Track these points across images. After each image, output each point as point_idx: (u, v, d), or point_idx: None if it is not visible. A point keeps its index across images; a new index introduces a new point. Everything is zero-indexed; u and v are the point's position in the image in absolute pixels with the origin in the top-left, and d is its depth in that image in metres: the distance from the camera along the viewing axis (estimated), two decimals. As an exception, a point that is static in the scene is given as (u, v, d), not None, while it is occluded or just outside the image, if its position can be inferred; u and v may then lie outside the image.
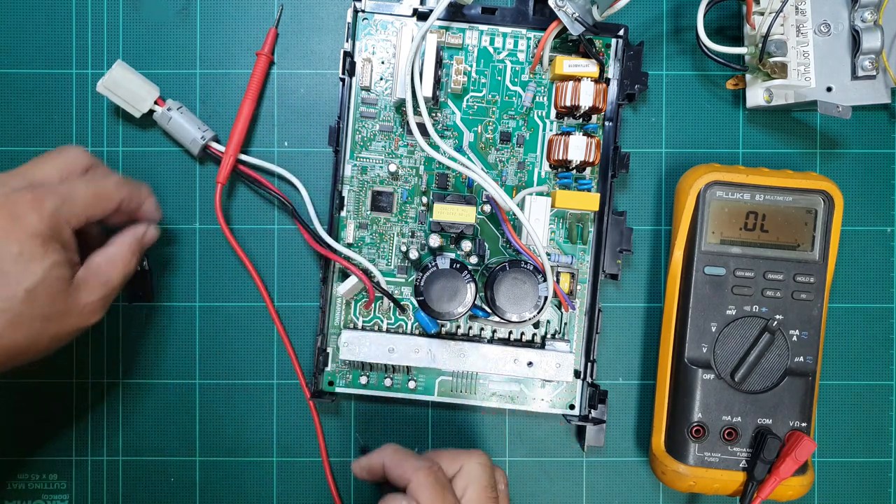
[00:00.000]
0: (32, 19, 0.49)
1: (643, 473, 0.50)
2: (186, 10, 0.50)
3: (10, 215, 0.36)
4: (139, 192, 0.43)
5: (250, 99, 0.48)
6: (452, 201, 0.45)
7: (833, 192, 0.45)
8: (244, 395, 0.50)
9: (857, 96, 0.48)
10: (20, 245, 0.35)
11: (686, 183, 0.47)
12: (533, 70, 0.49)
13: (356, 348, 0.46)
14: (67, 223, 0.38)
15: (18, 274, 0.35)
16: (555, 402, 0.49)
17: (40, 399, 0.49)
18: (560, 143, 0.46)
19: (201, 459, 0.50)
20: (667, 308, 0.48)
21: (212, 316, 0.50)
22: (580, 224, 0.49)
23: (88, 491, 0.49)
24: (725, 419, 0.45)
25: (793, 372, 0.46)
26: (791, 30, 0.46)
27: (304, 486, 0.50)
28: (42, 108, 0.49)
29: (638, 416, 0.50)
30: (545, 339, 0.48)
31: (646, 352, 0.50)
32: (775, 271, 0.46)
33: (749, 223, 0.46)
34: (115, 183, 0.41)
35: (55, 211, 0.37)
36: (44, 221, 0.36)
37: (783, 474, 0.44)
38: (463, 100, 0.49)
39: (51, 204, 0.37)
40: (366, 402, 0.50)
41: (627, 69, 0.47)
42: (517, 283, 0.45)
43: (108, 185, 0.41)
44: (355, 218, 0.49)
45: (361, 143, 0.49)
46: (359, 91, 0.49)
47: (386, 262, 0.49)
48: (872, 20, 0.46)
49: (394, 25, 0.48)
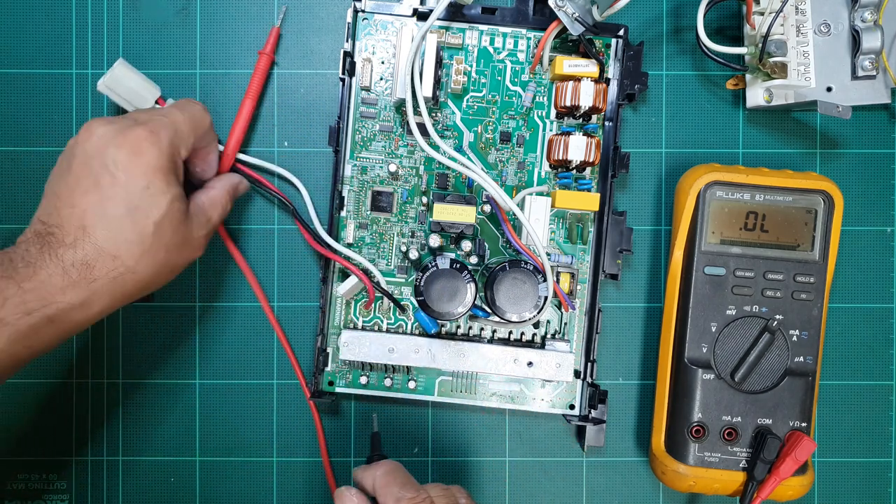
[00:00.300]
0: (32, 19, 0.49)
1: (643, 473, 0.50)
2: (186, 10, 0.50)
3: (133, 151, 0.37)
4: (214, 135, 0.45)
5: (251, 98, 0.48)
6: (452, 201, 0.45)
7: (833, 192, 0.45)
8: (244, 395, 0.50)
9: (857, 96, 0.48)
10: (147, 179, 0.37)
11: (686, 183, 0.47)
12: (533, 70, 0.49)
13: (356, 348, 0.46)
14: (179, 154, 0.40)
15: (148, 207, 0.38)
16: (555, 402, 0.49)
17: (40, 399, 0.49)
18: (560, 143, 0.46)
19: (201, 459, 0.50)
20: (667, 308, 0.48)
21: (212, 316, 0.50)
22: (580, 224, 0.49)
23: (88, 491, 0.49)
24: (725, 419, 0.45)
25: (793, 372, 0.46)
26: (791, 30, 0.46)
27: (304, 486, 0.50)
28: (42, 108, 0.49)
29: (638, 416, 0.50)
30: (545, 339, 0.48)
31: (646, 352, 0.50)
32: (775, 271, 0.46)
33: (749, 223, 0.46)
34: (201, 108, 0.43)
35: (170, 143, 0.39)
36: (163, 155, 0.38)
37: (783, 474, 0.44)
38: (463, 100, 0.49)
39: (165, 137, 0.39)
40: (366, 402, 0.50)
41: (627, 69, 0.47)
42: (517, 283, 0.45)
43: (197, 109, 0.42)
44: (355, 218, 0.49)
45: (361, 143, 0.49)
46: (359, 91, 0.49)
47: (386, 262, 0.49)
48: (872, 20, 0.46)
49: (394, 25, 0.48)
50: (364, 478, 0.41)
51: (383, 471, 0.40)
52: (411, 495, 0.38)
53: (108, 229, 0.37)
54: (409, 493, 0.38)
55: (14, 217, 0.49)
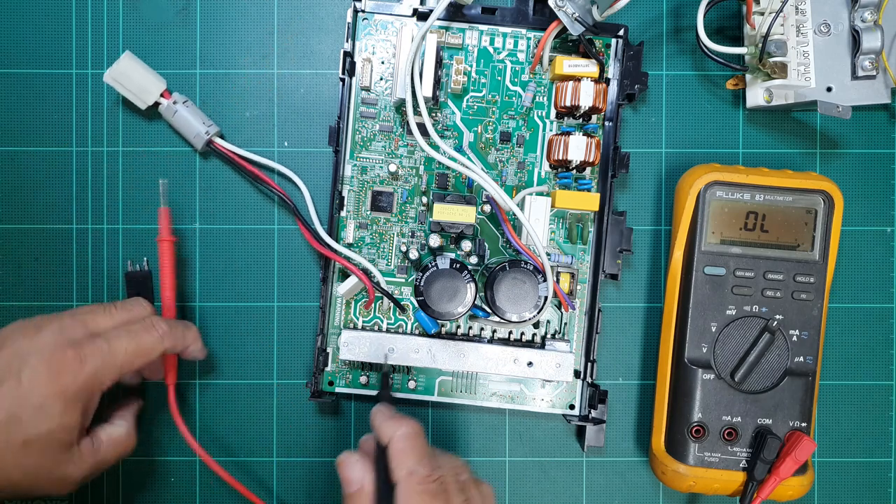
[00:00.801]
0: (32, 19, 0.49)
1: (643, 473, 0.50)
2: (186, 10, 0.50)
3: (50, 370, 0.37)
4: (184, 339, 0.44)
5: (168, 289, 0.47)
6: (452, 201, 0.45)
7: (833, 192, 0.45)
8: (244, 395, 0.50)
9: (857, 96, 0.48)
10: (44, 400, 0.37)
11: (686, 183, 0.47)
12: (533, 70, 0.49)
13: (356, 348, 0.46)
14: (101, 385, 0.39)
15: (28, 423, 0.37)
16: (555, 402, 0.49)
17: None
18: (560, 143, 0.46)
19: (201, 459, 0.49)
20: (667, 308, 0.48)
21: (212, 315, 0.50)
22: (580, 224, 0.49)
23: (88, 491, 0.49)
24: (725, 419, 0.45)
25: (793, 372, 0.46)
26: (791, 30, 0.46)
27: (304, 486, 0.50)
28: (42, 108, 0.49)
29: (638, 416, 0.50)
30: (545, 339, 0.48)
31: (646, 352, 0.50)
32: (775, 271, 0.46)
33: (749, 223, 0.46)
34: (159, 337, 0.42)
35: (93, 374, 0.38)
36: (77, 384, 0.38)
37: (783, 474, 0.44)
38: (463, 100, 0.49)
39: (91, 367, 0.38)
40: (366, 402, 0.50)
41: (627, 69, 0.47)
42: (517, 283, 0.45)
43: (152, 340, 0.41)
44: (355, 218, 0.49)
45: (361, 143, 0.49)
46: (359, 91, 0.49)
47: (386, 262, 0.49)
48: (872, 20, 0.46)
49: (394, 25, 0.48)
50: (382, 430, 0.38)
51: (403, 433, 0.38)
52: (425, 473, 0.36)
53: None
54: (424, 471, 0.36)
55: (14, 217, 0.49)
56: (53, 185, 0.49)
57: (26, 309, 0.49)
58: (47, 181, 0.49)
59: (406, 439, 0.37)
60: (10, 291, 0.49)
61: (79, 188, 0.49)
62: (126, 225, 0.49)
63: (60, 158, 0.49)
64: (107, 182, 0.49)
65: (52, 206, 0.49)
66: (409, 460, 0.37)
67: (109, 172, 0.49)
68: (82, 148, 0.49)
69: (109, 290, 0.49)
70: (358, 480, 0.38)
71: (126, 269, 0.48)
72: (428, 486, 0.36)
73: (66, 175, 0.49)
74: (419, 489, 0.36)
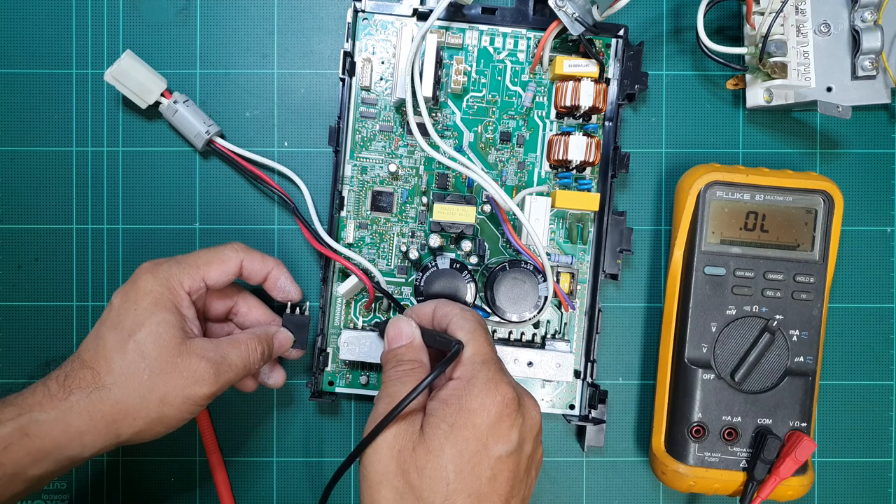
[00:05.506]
0: (32, 19, 0.49)
1: (643, 473, 0.50)
2: (186, 10, 0.50)
3: (132, 281, 0.40)
4: (262, 261, 0.44)
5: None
6: (452, 201, 0.45)
7: (833, 192, 0.45)
8: (243, 395, 0.50)
9: (857, 96, 0.48)
10: (135, 303, 0.39)
11: (686, 183, 0.47)
12: (533, 70, 0.49)
13: (356, 348, 0.46)
14: (180, 284, 0.40)
15: (131, 325, 0.38)
16: (555, 402, 0.49)
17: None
18: (560, 143, 0.46)
19: (201, 459, 0.50)
20: (667, 308, 0.48)
21: (212, 316, 0.50)
22: (580, 224, 0.49)
23: (88, 491, 0.49)
24: (725, 419, 0.45)
25: (793, 372, 0.46)
26: (791, 30, 0.46)
27: (304, 486, 0.50)
28: (42, 108, 0.49)
29: (638, 416, 0.50)
30: (545, 339, 0.48)
31: (646, 352, 0.50)
32: (775, 271, 0.46)
33: (749, 223, 0.46)
34: (233, 248, 0.43)
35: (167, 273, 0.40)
36: (157, 281, 0.40)
37: (783, 474, 0.44)
38: (463, 100, 0.49)
39: (165, 268, 0.40)
40: (366, 402, 0.50)
41: (627, 69, 0.47)
42: (517, 283, 0.45)
43: (226, 249, 0.43)
44: (355, 218, 0.49)
45: (361, 143, 0.49)
46: (359, 91, 0.49)
47: (386, 262, 0.49)
48: (872, 20, 0.46)
49: (394, 25, 0.48)
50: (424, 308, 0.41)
51: (442, 301, 0.41)
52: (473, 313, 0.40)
53: (93, 347, 0.38)
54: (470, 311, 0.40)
55: (14, 217, 0.49)
56: (53, 185, 0.49)
57: (26, 309, 0.49)
58: (47, 181, 0.49)
59: (442, 303, 0.41)
60: (10, 291, 0.49)
61: (79, 188, 0.49)
62: (126, 225, 0.49)
63: (60, 158, 0.49)
64: (107, 182, 0.49)
65: (52, 207, 0.49)
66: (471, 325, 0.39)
67: (109, 172, 0.49)
68: (82, 148, 0.49)
69: (109, 291, 0.49)
70: (409, 334, 0.39)
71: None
72: (495, 355, 0.38)
73: (66, 175, 0.49)
74: (490, 347, 0.38)
